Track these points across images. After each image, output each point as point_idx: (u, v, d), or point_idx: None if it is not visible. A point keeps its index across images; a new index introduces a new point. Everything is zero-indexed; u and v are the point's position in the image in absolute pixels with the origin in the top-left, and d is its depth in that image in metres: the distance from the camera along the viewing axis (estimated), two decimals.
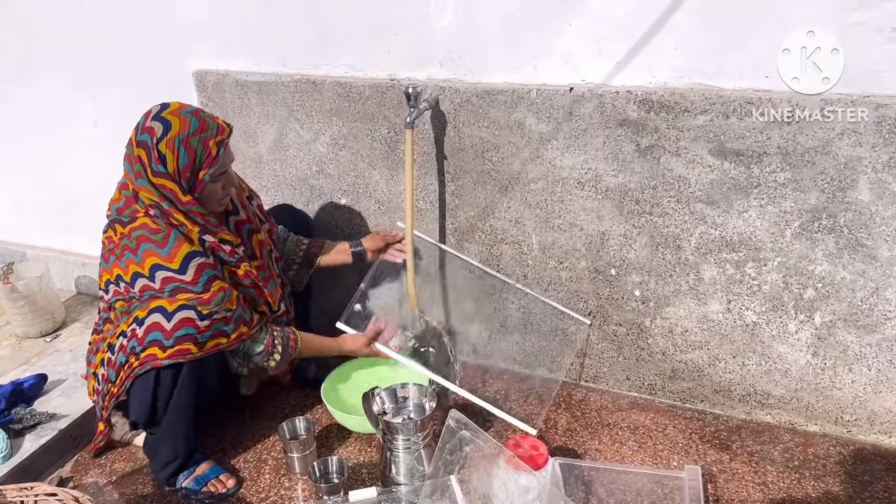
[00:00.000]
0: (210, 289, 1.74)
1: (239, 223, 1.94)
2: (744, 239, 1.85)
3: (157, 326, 1.70)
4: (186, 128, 1.69)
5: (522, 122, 1.96)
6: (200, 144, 1.71)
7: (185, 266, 1.72)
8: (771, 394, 1.98)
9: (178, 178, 1.71)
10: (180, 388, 1.77)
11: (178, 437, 1.84)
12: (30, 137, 2.86)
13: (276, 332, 1.92)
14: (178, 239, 1.73)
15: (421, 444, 1.77)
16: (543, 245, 2.10)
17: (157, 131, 1.68)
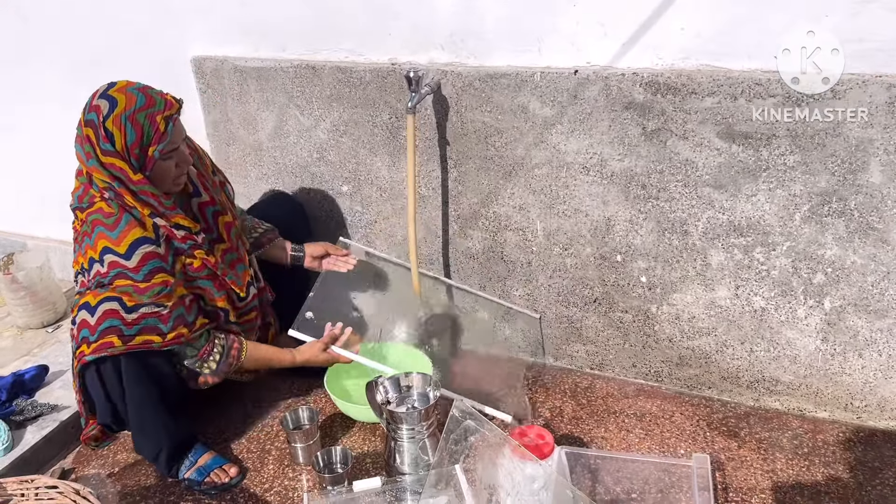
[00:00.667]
0: (150, 280, 1.70)
1: (202, 205, 1.90)
2: (752, 223, 1.82)
3: (85, 324, 1.70)
4: (133, 104, 1.65)
5: (526, 106, 1.92)
6: (147, 120, 1.66)
7: (132, 252, 1.69)
8: (779, 380, 1.96)
9: (128, 156, 1.67)
10: (129, 383, 1.74)
11: (155, 429, 1.82)
12: (28, 126, 2.84)
13: (217, 340, 1.85)
14: (129, 223, 1.70)
15: (425, 433, 1.75)
16: (548, 231, 2.07)
17: (103, 109, 1.65)
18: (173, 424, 1.85)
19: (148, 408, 1.79)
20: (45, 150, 2.83)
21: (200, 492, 1.83)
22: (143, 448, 1.88)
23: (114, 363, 1.72)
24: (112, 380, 1.75)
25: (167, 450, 1.84)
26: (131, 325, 1.69)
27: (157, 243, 1.72)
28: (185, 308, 1.76)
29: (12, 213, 3.11)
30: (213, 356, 1.85)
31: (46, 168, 2.87)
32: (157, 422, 1.81)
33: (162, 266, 1.72)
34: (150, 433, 1.83)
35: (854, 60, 1.59)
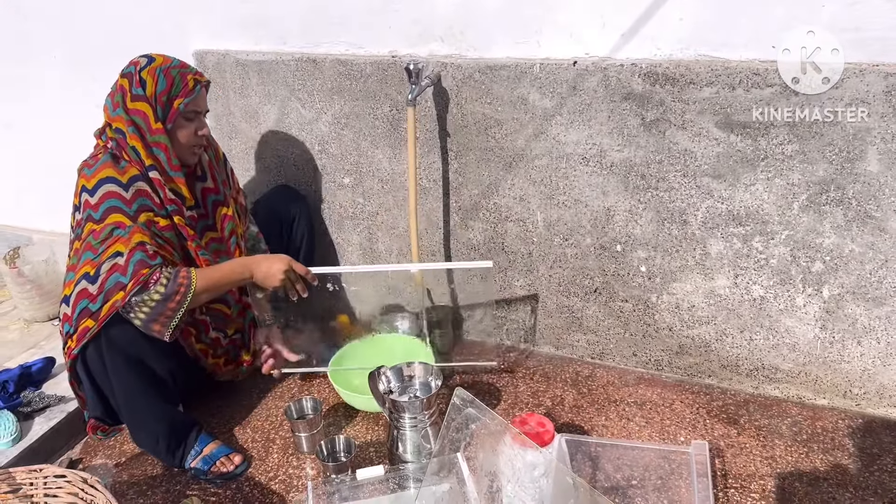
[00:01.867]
0: (105, 219, 1.72)
1: (205, 190, 1.95)
2: (751, 212, 1.83)
3: (66, 318, 1.76)
4: (168, 62, 1.81)
5: (526, 97, 1.94)
6: (179, 76, 1.79)
7: (96, 189, 1.74)
8: (779, 368, 1.97)
9: (154, 103, 1.77)
10: (114, 373, 1.76)
11: (147, 418, 1.83)
12: (32, 120, 2.86)
13: (164, 275, 1.71)
14: (105, 163, 1.76)
15: (427, 422, 1.77)
16: (548, 222, 2.08)
17: (141, 63, 1.80)
18: (165, 411, 1.85)
19: (136, 396, 1.80)
20: (50, 144, 2.86)
21: (206, 481, 1.85)
22: (140, 439, 1.90)
23: (97, 352, 1.74)
24: (99, 370, 1.77)
25: (164, 438, 1.85)
26: (96, 297, 1.69)
27: (124, 187, 1.75)
28: (147, 255, 1.70)
29: (18, 207, 3.13)
30: (158, 287, 1.70)
31: (51, 162, 2.89)
32: (148, 410, 1.82)
33: (119, 206, 1.73)
34: (143, 423, 1.85)
35: (851, 50, 1.60)
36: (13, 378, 2.15)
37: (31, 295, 2.64)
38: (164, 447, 1.86)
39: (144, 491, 1.84)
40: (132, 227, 1.72)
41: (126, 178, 1.76)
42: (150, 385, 1.81)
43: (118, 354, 1.75)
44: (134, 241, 1.71)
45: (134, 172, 1.77)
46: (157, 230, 1.79)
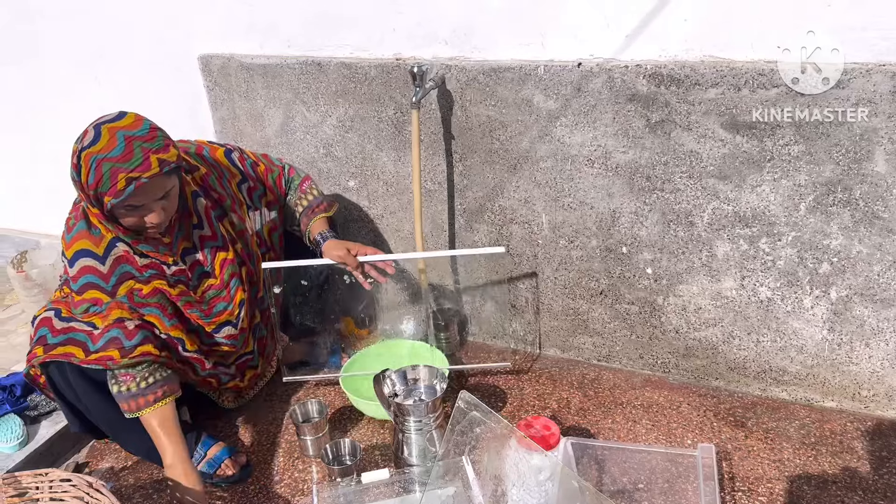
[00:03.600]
0: (83, 294, 1.70)
1: (203, 238, 1.82)
2: (757, 214, 1.82)
3: (30, 337, 1.78)
4: (107, 150, 1.55)
5: (530, 99, 1.93)
6: (109, 172, 1.55)
7: (74, 261, 1.70)
8: (786, 370, 1.96)
9: (87, 192, 1.61)
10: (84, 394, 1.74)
11: (131, 437, 1.82)
12: (39, 124, 2.87)
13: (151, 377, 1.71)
14: (79, 231, 1.70)
15: (433, 425, 1.76)
16: (553, 224, 2.08)
17: (86, 139, 1.58)
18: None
19: (110, 409, 1.76)
20: (57, 148, 2.86)
21: (212, 484, 1.85)
22: (131, 451, 1.91)
23: (62, 374, 1.73)
24: (66, 389, 1.76)
25: (154, 450, 1.77)
26: (57, 333, 1.71)
27: (100, 259, 1.69)
28: (125, 332, 1.69)
29: (26, 211, 3.15)
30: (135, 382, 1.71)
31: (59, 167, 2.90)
32: (127, 427, 1.77)
33: (96, 283, 1.69)
34: (127, 439, 1.85)
35: (857, 49, 1.59)
36: (20, 382, 2.15)
37: (38, 299, 2.65)
38: (158, 458, 1.81)
39: (150, 494, 1.85)
40: (109, 303, 1.70)
41: (102, 248, 1.69)
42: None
43: (82, 378, 1.73)
44: (111, 318, 1.69)
45: (110, 237, 1.69)
46: (141, 298, 1.73)
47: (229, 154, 1.96)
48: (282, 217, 2.08)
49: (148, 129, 1.61)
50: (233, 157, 1.96)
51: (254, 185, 1.97)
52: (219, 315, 1.87)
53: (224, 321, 1.88)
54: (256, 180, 1.98)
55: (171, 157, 1.61)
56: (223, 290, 1.87)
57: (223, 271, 1.86)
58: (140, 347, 1.69)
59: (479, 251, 2.11)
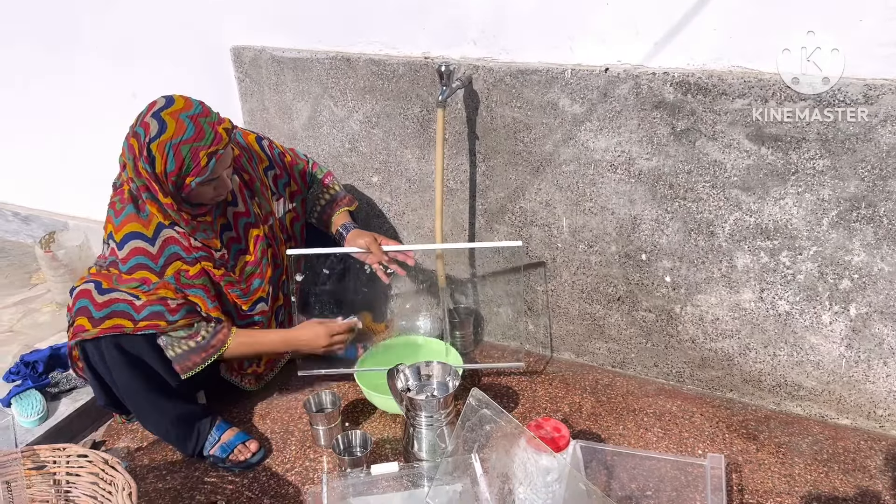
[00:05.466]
0: (132, 274, 1.74)
1: (237, 215, 1.90)
2: (779, 227, 1.81)
3: (69, 308, 1.78)
4: (181, 133, 1.64)
5: (556, 102, 1.94)
6: (190, 153, 1.65)
7: (123, 244, 1.74)
8: (802, 385, 1.95)
9: (164, 180, 1.68)
10: (114, 367, 1.77)
11: (153, 414, 1.86)
12: (71, 109, 2.92)
13: (202, 331, 1.82)
14: (128, 214, 1.74)
15: (444, 421, 1.77)
16: (573, 228, 2.08)
17: (151, 130, 1.64)
18: (169, 405, 1.85)
19: (139, 390, 1.81)
20: (88, 133, 2.92)
21: (224, 468, 1.88)
22: (150, 429, 1.94)
23: (95, 345, 1.76)
24: (98, 362, 1.79)
25: (172, 429, 1.87)
26: (101, 307, 1.73)
27: (150, 241, 1.74)
28: (167, 309, 1.75)
29: (55, 193, 3.21)
30: (196, 339, 1.81)
31: (88, 150, 2.97)
32: (150, 404, 1.84)
33: (146, 263, 1.74)
34: (149, 415, 1.88)
35: (888, 66, 1.58)
36: (43, 359, 2.20)
37: (64, 279, 2.70)
38: (174, 437, 1.89)
39: (164, 475, 1.88)
40: (157, 283, 1.76)
41: (151, 229, 1.74)
42: (150, 381, 1.82)
43: (116, 351, 1.76)
44: (157, 296, 1.75)
45: (159, 220, 1.75)
46: (187, 279, 1.79)
47: (259, 140, 2.04)
48: (304, 209, 2.13)
49: (201, 106, 1.71)
50: (262, 144, 2.04)
51: (279, 174, 2.04)
52: (255, 292, 1.95)
53: (258, 298, 1.96)
54: (283, 169, 2.05)
55: (228, 125, 1.73)
56: (257, 267, 1.95)
57: (256, 248, 1.94)
58: (182, 321, 1.77)
59: (497, 244, 2.14)
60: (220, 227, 1.87)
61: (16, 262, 3.21)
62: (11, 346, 2.52)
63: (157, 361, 1.80)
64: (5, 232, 3.45)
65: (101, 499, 1.52)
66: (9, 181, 3.35)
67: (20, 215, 3.34)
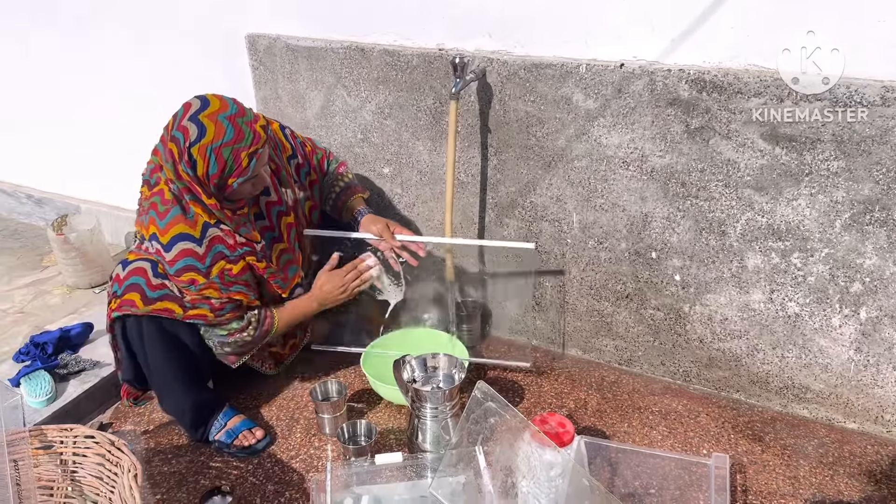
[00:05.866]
0: (180, 276, 1.76)
1: (269, 204, 1.93)
2: (791, 228, 1.80)
3: (116, 278, 1.80)
4: (221, 136, 1.65)
5: (570, 97, 1.93)
6: (232, 155, 1.67)
7: (171, 245, 1.75)
8: (809, 388, 1.94)
9: (206, 182, 1.70)
10: (149, 344, 1.80)
11: (174, 391, 1.88)
12: (87, 96, 2.94)
13: (252, 321, 1.89)
14: (175, 216, 1.74)
15: (448, 413, 1.78)
16: (584, 224, 2.07)
17: (191, 134, 1.64)
18: (195, 388, 1.90)
19: (168, 370, 1.85)
20: (104, 120, 2.94)
21: (229, 454, 1.89)
22: (167, 407, 1.95)
23: (137, 321, 1.79)
24: (135, 338, 1.82)
25: (189, 412, 1.90)
26: (155, 288, 1.76)
27: (197, 242, 1.76)
28: (211, 306, 1.80)
29: (68, 176, 3.22)
30: (248, 332, 1.89)
31: (102, 136, 2.98)
32: (177, 384, 1.87)
33: (194, 265, 1.76)
34: (171, 395, 1.90)
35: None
36: (52, 340, 2.22)
37: (75, 262, 2.72)
38: (189, 421, 1.91)
39: (169, 459, 1.89)
40: (204, 283, 1.78)
41: (198, 230, 1.76)
42: (181, 362, 1.85)
43: (156, 329, 1.80)
44: (202, 295, 1.79)
45: (205, 220, 1.76)
46: (231, 277, 1.81)
47: (283, 129, 2.06)
48: (321, 197, 2.16)
49: (236, 105, 1.71)
50: (286, 133, 2.06)
51: (301, 163, 2.07)
52: (292, 280, 1.98)
53: (296, 284, 1.99)
54: (304, 158, 2.08)
55: (263, 122, 1.75)
56: (292, 255, 1.98)
57: (289, 235, 1.97)
58: (228, 314, 1.84)
59: (510, 244, 2.12)
60: (253, 217, 1.89)
61: (28, 244, 3.24)
62: (22, 326, 2.54)
63: (193, 343, 1.85)
64: (18, 214, 3.48)
65: (107, 480, 1.53)
66: (23, 164, 3.37)
67: (33, 198, 3.37)
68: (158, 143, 1.78)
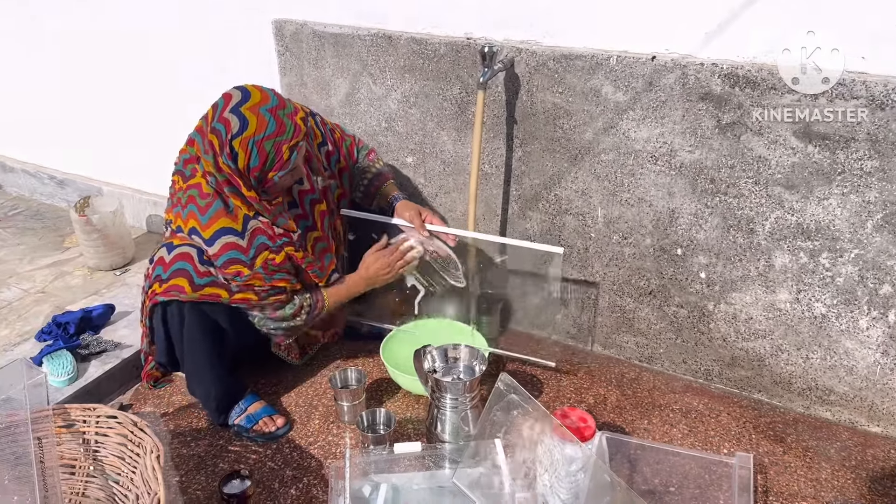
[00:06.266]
0: (226, 269, 1.77)
1: (302, 192, 1.94)
2: (821, 227, 1.77)
3: (161, 261, 1.79)
4: (263, 129, 1.66)
5: (599, 89, 1.91)
6: (274, 148, 1.68)
7: (214, 240, 1.75)
8: (833, 390, 1.92)
9: (247, 175, 1.71)
10: (189, 329, 1.81)
11: (206, 378, 1.89)
12: (111, 78, 2.94)
13: (305, 303, 1.93)
14: (217, 210, 1.75)
15: (468, 404, 1.77)
16: (609, 219, 2.06)
17: (232, 126, 1.65)
18: (226, 376, 1.91)
19: (203, 356, 1.86)
20: (126, 101, 2.94)
21: (248, 438, 1.89)
22: (194, 391, 1.96)
23: (179, 307, 1.80)
24: (175, 323, 1.83)
25: (216, 398, 1.91)
26: (202, 275, 1.76)
27: (240, 235, 1.77)
28: (254, 292, 1.83)
29: (91, 158, 3.24)
30: (301, 317, 1.93)
31: (126, 120, 2.99)
32: (210, 371, 1.88)
33: (238, 257, 1.77)
34: (202, 380, 1.90)
35: None
36: (74, 320, 2.23)
37: (97, 244, 2.73)
38: (214, 406, 1.91)
39: (188, 441, 1.90)
40: (249, 274, 1.79)
41: (240, 222, 1.77)
42: (216, 348, 1.87)
43: (198, 316, 1.81)
44: (248, 284, 1.81)
45: (245, 212, 1.78)
46: (274, 266, 1.83)
47: (313, 116, 2.05)
48: (350, 184, 2.16)
49: (276, 97, 1.71)
50: (316, 120, 2.06)
51: (331, 150, 2.07)
52: (328, 267, 1.99)
53: (332, 271, 2.00)
54: (334, 145, 2.08)
55: (303, 114, 1.76)
56: (326, 242, 1.99)
57: (322, 223, 1.98)
58: (272, 297, 1.86)
59: (538, 246, 2.04)
60: (287, 205, 1.90)
61: (50, 224, 3.26)
62: (43, 306, 2.55)
63: (233, 331, 1.86)
64: (41, 195, 3.50)
65: (129, 460, 1.53)
66: (46, 145, 3.39)
67: (56, 179, 3.39)
68: (194, 133, 1.78)
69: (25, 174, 3.50)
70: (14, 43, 3.18)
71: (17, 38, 3.15)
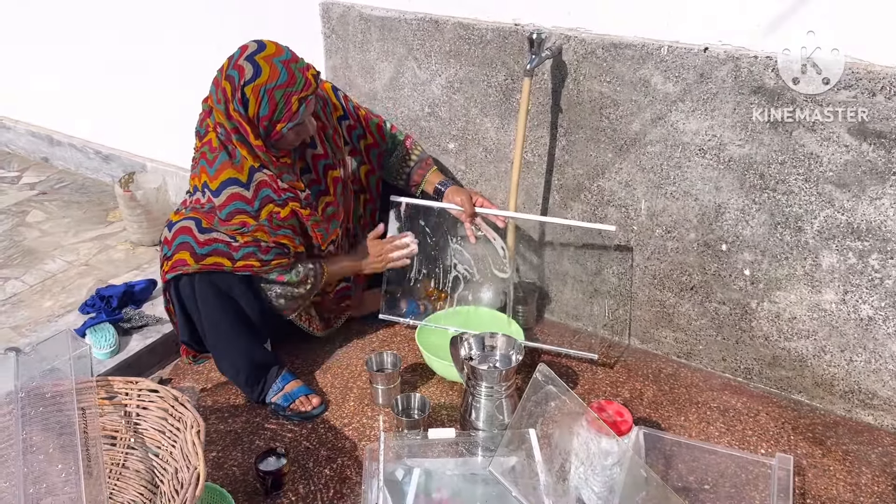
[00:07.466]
0: (230, 220, 1.79)
1: (315, 157, 1.96)
2: (872, 228, 1.73)
3: (165, 241, 1.83)
4: (275, 79, 1.70)
5: (648, 80, 1.88)
6: (283, 98, 1.72)
7: (220, 190, 1.78)
8: (877, 394, 1.87)
9: (256, 123, 1.74)
10: (202, 302, 1.84)
11: (230, 350, 1.91)
12: (155, 56, 2.97)
13: (311, 274, 1.95)
14: (223, 162, 1.78)
15: (503, 394, 1.77)
16: (652, 212, 2.03)
17: (246, 73, 1.70)
18: (248, 346, 1.92)
19: (222, 328, 1.88)
20: (171, 79, 2.97)
21: (284, 417, 1.92)
22: (222, 368, 1.98)
23: (189, 281, 1.83)
24: (188, 295, 1.86)
25: (243, 371, 1.92)
26: (202, 244, 1.79)
27: (245, 186, 1.78)
28: (260, 249, 1.83)
29: (136, 134, 3.28)
30: (307, 284, 1.94)
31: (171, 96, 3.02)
32: (231, 343, 1.90)
33: (243, 208, 1.79)
34: (225, 353, 1.93)
35: None
36: (117, 294, 2.27)
37: (140, 219, 2.77)
38: (244, 380, 1.94)
39: (225, 418, 1.93)
40: (254, 225, 1.81)
41: (245, 174, 1.79)
42: (235, 319, 1.88)
43: (208, 286, 1.83)
44: (252, 237, 1.82)
45: (250, 164, 1.80)
46: (279, 221, 1.84)
47: (336, 90, 2.08)
48: (379, 163, 2.17)
49: (290, 52, 1.76)
50: (338, 94, 2.08)
51: (353, 125, 2.09)
52: (332, 233, 2.01)
53: (332, 240, 2.03)
54: (357, 121, 2.10)
55: (314, 71, 1.80)
56: (336, 208, 2.01)
57: (335, 189, 2.00)
58: (275, 261, 1.86)
59: (590, 225, 2.06)
60: (299, 171, 1.92)
61: (94, 198, 3.32)
62: (86, 279, 2.61)
63: (246, 299, 1.88)
64: (86, 169, 3.57)
65: (169, 434, 1.56)
66: (92, 120, 3.44)
67: (101, 154, 3.44)
68: (211, 87, 1.82)
69: (72, 148, 3.56)
70: (69, 18, 3.22)
71: (73, 14, 3.20)
